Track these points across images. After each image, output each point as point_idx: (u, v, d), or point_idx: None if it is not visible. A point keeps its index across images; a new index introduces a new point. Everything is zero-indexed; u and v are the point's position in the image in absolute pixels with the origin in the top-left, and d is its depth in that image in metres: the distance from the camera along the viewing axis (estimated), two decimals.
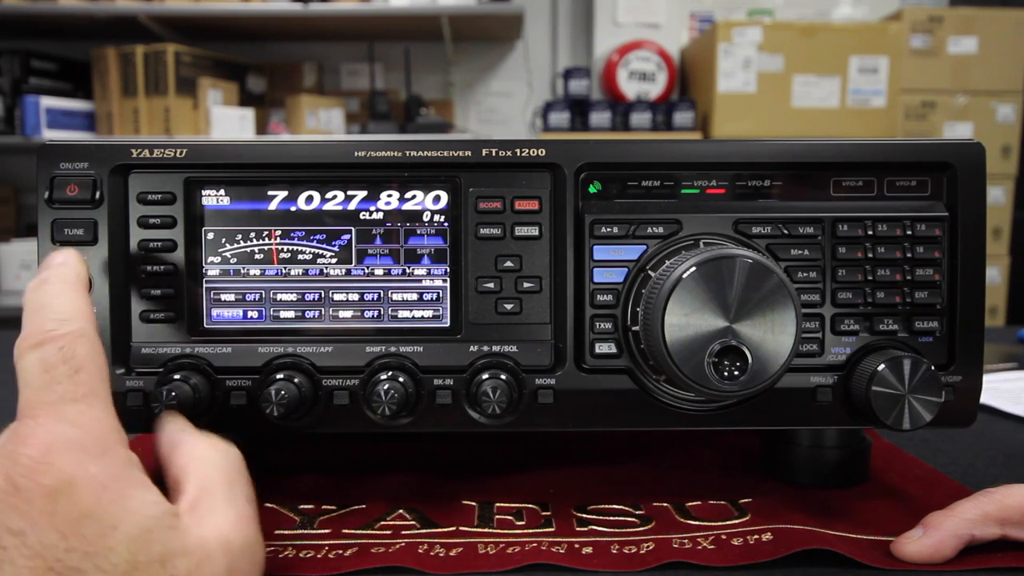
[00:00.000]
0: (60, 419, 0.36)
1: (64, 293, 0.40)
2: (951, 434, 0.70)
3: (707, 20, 3.42)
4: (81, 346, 0.38)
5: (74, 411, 0.36)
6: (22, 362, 0.37)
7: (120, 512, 0.34)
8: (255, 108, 3.16)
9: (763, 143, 0.52)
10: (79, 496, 0.34)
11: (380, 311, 0.51)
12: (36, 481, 0.34)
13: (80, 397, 0.37)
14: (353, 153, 0.51)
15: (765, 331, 0.44)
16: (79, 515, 0.33)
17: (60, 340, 0.38)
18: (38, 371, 0.37)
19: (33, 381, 0.37)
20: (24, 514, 0.33)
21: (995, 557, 0.45)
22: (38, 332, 0.38)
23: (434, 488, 0.56)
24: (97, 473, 0.35)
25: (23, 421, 0.36)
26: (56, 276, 0.41)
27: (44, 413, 0.36)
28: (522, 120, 3.55)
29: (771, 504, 0.53)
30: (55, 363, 0.37)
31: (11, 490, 0.33)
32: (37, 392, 0.36)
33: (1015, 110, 2.97)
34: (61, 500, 0.34)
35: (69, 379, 0.37)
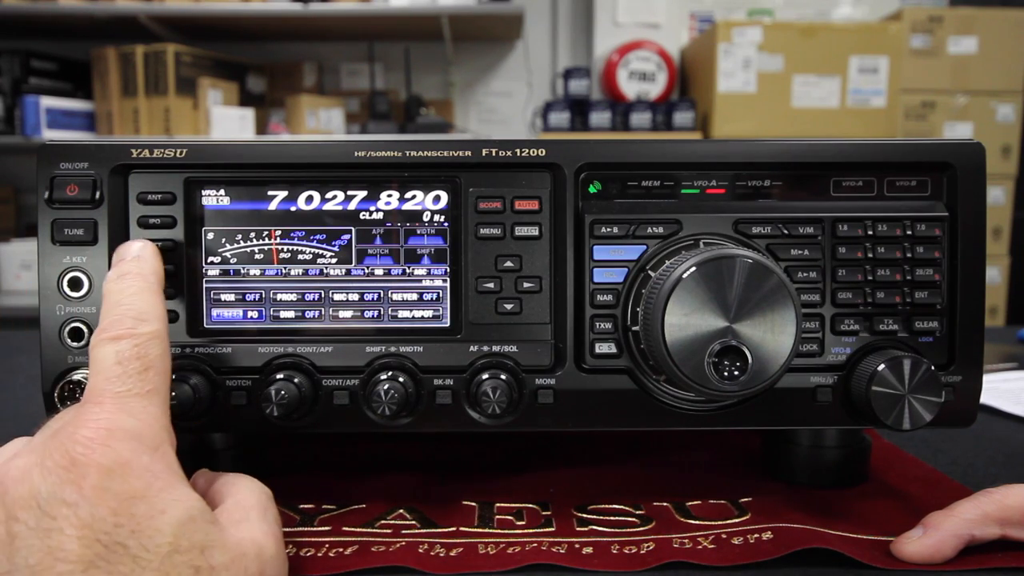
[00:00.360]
0: (123, 410, 0.38)
1: (144, 293, 0.43)
2: (951, 434, 0.70)
3: (707, 20, 3.42)
4: (154, 347, 0.41)
5: (137, 405, 0.38)
6: (98, 351, 0.40)
7: (168, 499, 0.36)
8: (255, 108, 3.15)
9: (763, 143, 0.52)
10: (131, 479, 0.36)
11: (380, 311, 0.51)
12: (93, 459, 0.35)
13: (145, 394, 0.39)
14: (353, 153, 0.51)
15: (765, 331, 0.44)
16: (130, 495, 0.35)
17: (137, 338, 0.40)
18: (112, 362, 0.39)
19: (105, 371, 0.39)
20: (78, 488, 0.35)
21: (995, 557, 0.45)
22: (117, 327, 0.41)
23: (434, 488, 0.56)
24: (150, 463, 0.37)
25: (87, 406, 0.38)
26: (136, 272, 0.44)
27: (109, 401, 0.38)
28: (522, 120, 3.55)
29: (771, 503, 0.53)
30: (129, 358, 0.40)
31: (68, 464, 0.35)
32: (107, 381, 0.39)
33: (1015, 110, 2.97)
34: (115, 479, 0.35)
35: (139, 375, 0.39)
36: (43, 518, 0.34)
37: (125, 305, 0.42)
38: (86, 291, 0.50)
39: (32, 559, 0.33)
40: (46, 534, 0.34)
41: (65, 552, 0.33)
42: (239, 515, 0.40)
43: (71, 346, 0.50)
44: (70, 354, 0.50)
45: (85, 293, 0.50)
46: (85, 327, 0.50)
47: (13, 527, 0.34)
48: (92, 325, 0.50)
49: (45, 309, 0.50)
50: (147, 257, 0.45)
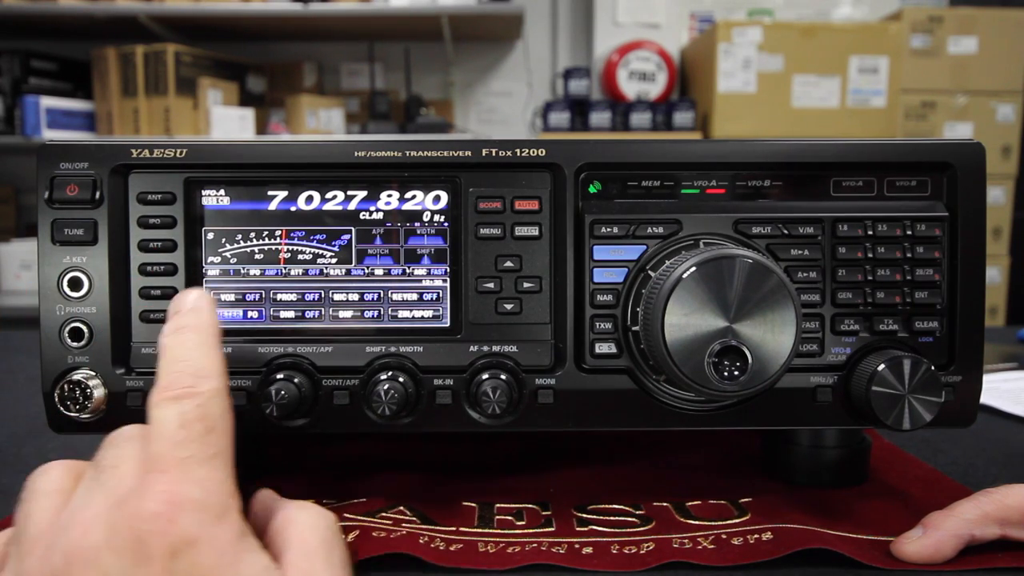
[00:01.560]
0: (187, 479, 0.36)
1: (202, 347, 0.41)
2: (951, 434, 0.70)
3: (707, 20, 3.42)
4: (216, 406, 0.39)
5: (202, 472, 0.37)
6: (160, 412, 0.38)
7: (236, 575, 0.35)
8: (255, 108, 3.16)
9: (763, 143, 0.52)
10: (199, 557, 0.35)
11: (380, 311, 0.51)
12: (161, 539, 0.34)
13: (209, 458, 0.37)
14: (353, 153, 0.51)
15: (765, 331, 0.44)
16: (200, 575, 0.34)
17: (198, 397, 0.38)
18: (176, 426, 0.37)
19: (169, 435, 0.37)
20: (148, 572, 0.34)
21: (995, 557, 0.45)
22: (177, 386, 0.39)
23: (434, 489, 0.56)
24: (217, 536, 0.36)
25: (151, 475, 0.36)
26: (193, 326, 0.42)
27: (174, 469, 0.36)
28: (522, 120, 3.55)
29: (771, 504, 0.53)
30: (192, 420, 0.38)
31: (136, 545, 0.34)
32: (171, 447, 0.37)
33: (1015, 110, 2.97)
34: (182, 560, 0.34)
35: (202, 438, 0.37)
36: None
37: (184, 361, 0.40)
38: (86, 291, 0.50)
39: None
40: None
41: None
42: (306, 566, 0.38)
43: (71, 346, 0.50)
44: (70, 354, 0.50)
45: (85, 293, 0.50)
46: (85, 327, 0.50)
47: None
48: (92, 325, 0.50)
49: (45, 309, 0.50)
50: (204, 308, 0.43)
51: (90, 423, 0.50)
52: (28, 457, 0.65)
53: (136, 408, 0.50)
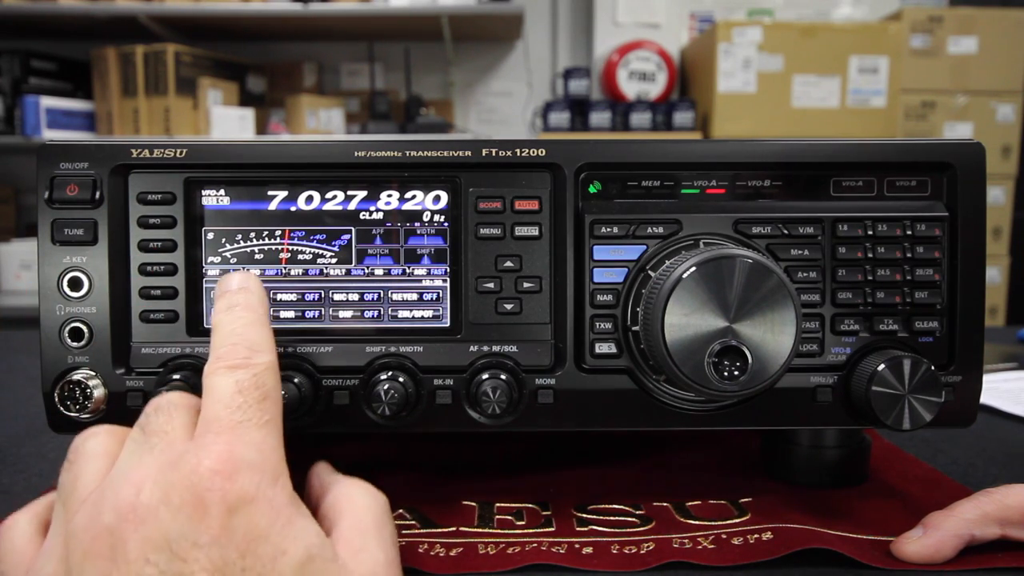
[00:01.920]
0: (243, 441, 0.37)
1: (255, 324, 0.42)
2: (951, 434, 0.70)
3: (707, 20, 3.42)
4: (270, 377, 0.40)
5: (257, 436, 0.37)
6: (215, 379, 0.39)
7: (290, 538, 0.35)
8: (255, 108, 3.16)
9: (763, 143, 0.52)
10: (255, 517, 0.35)
11: (380, 311, 0.51)
12: (219, 496, 0.35)
13: (263, 424, 0.38)
14: (353, 153, 0.51)
15: (765, 331, 0.44)
16: (255, 535, 0.35)
17: (254, 368, 0.40)
18: (232, 391, 0.38)
19: (225, 399, 0.38)
20: (207, 528, 0.34)
21: (995, 557, 0.45)
22: (232, 356, 0.40)
23: (434, 488, 0.56)
24: (272, 497, 0.36)
25: (207, 435, 0.37)
26: (244, 304, 0.43)
27: (229, 431, 0.37)
28: (522, 120, 3.55)
29: (771, 503, 0.53)
30: (247, 387, 0.39)
31: (195, 502, 0.34)
32: (227, 410, 0.38)
33: (1015, 110, 2.97)
34: (240, 517, 0.35)
35: (257, 405, 0.38)
36: (174, 560, 0.33)
37: (238, 335, 0.41)
38: (86, 291, 0.50)
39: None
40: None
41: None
42: (357, 542, 0.38)
43: (71, 346, 0.50)
44: (70, 354, 0.50)
45: (85, 293, 0.50)
46: (85, 327, 0.50)
47: (143, 569, 0.33)
48: (92, 325, 0.50)
49: (45, 309, 0.50)
50: (253, 288, 0.44)
51: (90, 423, 0.50)
52: (28, 457, 0.65)
53: (136, 408, 0.50)
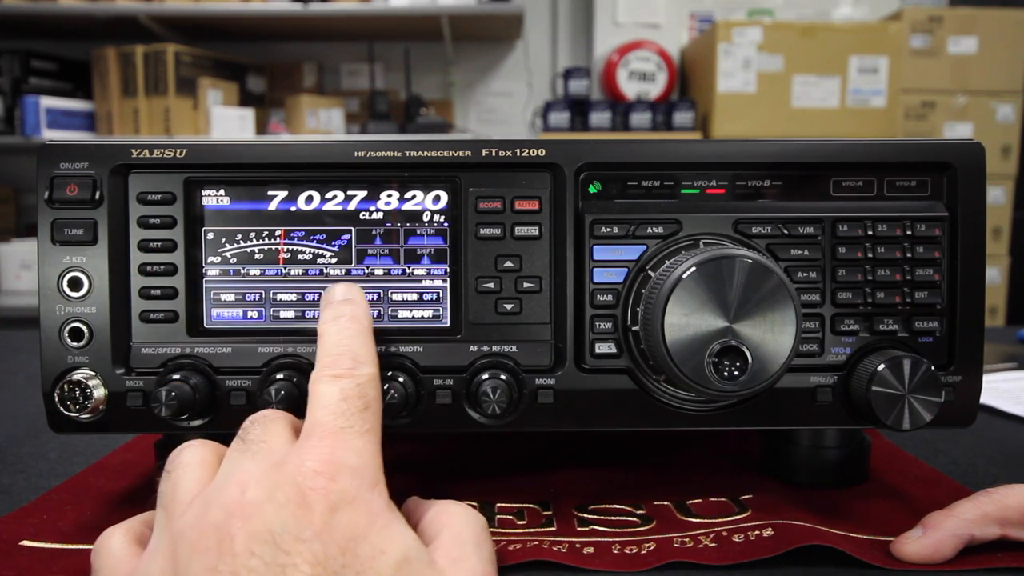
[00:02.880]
0: (345, 446, 0.38)
1: (359, 337, 0.44)
2: (951, 434, 0.70)
3: (707, 20, 3.42)
4: (372, 389, 0.42)
5: (358, 443, 0.39)
6: (321, 386, 0.41)
7: (387, 539, 0.36)
8: (255, 108, 3.16)
9: (763, 143, 0.52)
10: (355, 517, 0.36)
11: (380, 311, 0.51)
12: (322, 495, 0.36)
13: (364, 432, 0.40)
14: (353, 153, 0.51)
15: (765, 331, 0.44)
16: (354, 535, 0.35)
17: (358, 378, 0.41)
18: (337, 398, 0.40)
19: (330, 405, 0.40)
20: (310, 523, 0.35)
21: (995, 557, 0.45)
22: (337, 366, 0.42)
23: (434, 488, 0.56)
24: (371, 500, 0.37)
25: (311, 439, 0.38)
26: (350, 315, 0.45)
27: (332, 436, 0.39)
28: (522, 120, 3.55)
29: (772, 500, 0.53)
30: (352, 396, 0.40)
31: (299, 499, 0.35)
32: (331, 416, 0.39)
33: (1015, 110, 2.97)
34: (341, 516, 0.36)
35: (359, 413, 0.40)
36: (278, 553, 0.34)
37: (343, 346, 0.43)
38: (86, 291, 0.50)
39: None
40: (282, 570, 0.33)
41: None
42: (456, 552, 0.39)
43: (71, 346, 0.50)
44: (70, 354, 0.50)
45: (85, 293, 0.50)
46: (85, 327, 0.50)
47: (248, 561, 0.34)
48: (92, 325, 0.50)
49: (45, 309, 0.50)
50: (358, 300, 0.46)
51: (90, 423, 0.50)
52: (28, 457, 0.65)
53: (136, 408, 0.50)
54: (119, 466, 0.62)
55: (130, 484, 0.58)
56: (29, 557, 0.46)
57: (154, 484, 0.40)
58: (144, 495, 0.56)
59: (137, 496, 0.56)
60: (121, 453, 0.65)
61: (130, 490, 0.57)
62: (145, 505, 0.54)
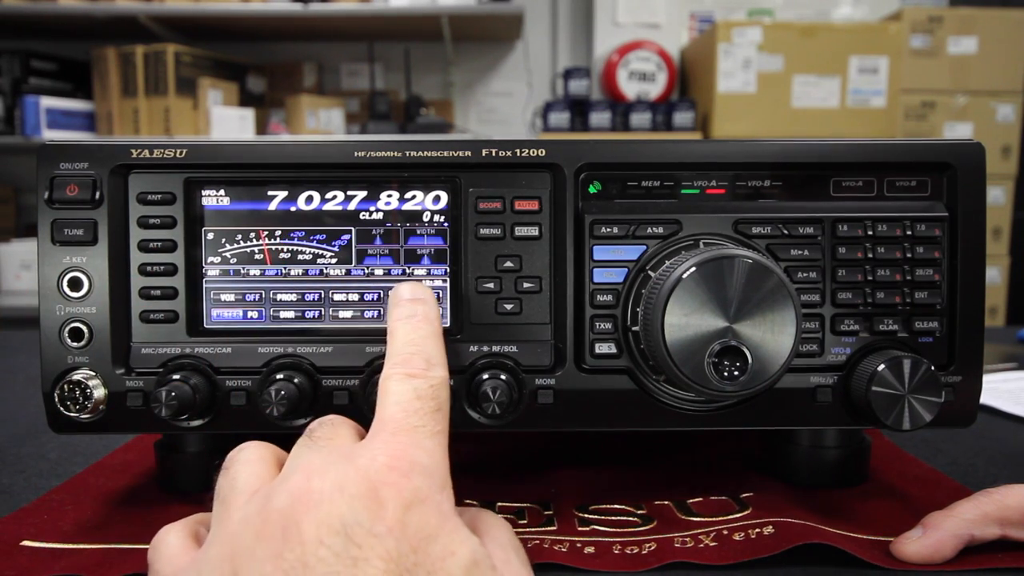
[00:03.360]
0: (417, 445, 0.38)
1: (432, 338, 0.43)
2: (951, 434, 0.70)
3: (707, 20, 3.42)
4: (444, 391, 0.41)
5: (431, 443, 0.38)
6: (395, 384, 0.40)
7: (457, 541, 0.35)
8: (255, 108, 3.15)
9: (763, 143, 0.52)
10: (427, 516, 0.35)
11: (380, 311, 0.51)
12: (395, 491, 0.35)
13: (436, 433, 0.39)
14: (353, 153, 0.51)
15: (765, 331, 0.44)
16: (426, 534, 0.35)
17: (431, 379, 0.41)
18: (411, 396, 0.40)
19: (405, 403, 0.39)
20: (382, 519, 0.34)
21: (995, 557, 0.45)
22: (411, 365, 0.41)
23: None
24: (441, 501, 0.36)
25: (382, 434, 0.38)
26: (423, 315, 0.44)
27: (404, 434, 0.38)
28: (522, 120, 3.55)
29: (772, 499, 0.53)
30: (426, 396, 0.40)
31: (371, 495, 0.35)
32: (404, 413, 0.39)
33: (1015, 110, 2.97)
34: (413, 515, 0.35)
35: (432, 414, 0.39)
36: (350, 545, 0.33)
37: (417, 346, 0.42)
38: (86, 291, 0.50)
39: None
40: (352, 562, 0.32)
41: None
42: (502, 555, 0.38)
43: (71, 346, 0.50)
44: (70, 354, 0.50)
45: (85, 293, 0.50)
46: (85, 327, 0.50)
47: (318, 551, 0.33)
48: (92, 325, 0.50)
49: (45, 309, 0.50)
50: (430, 300, 0.46)
51: (90, 423, 0.50)
52: (28, 457, 0.65)
53: (136, 408, 0.50)
54: (119, 466, 0.62)
55: (130, 484, 0.58)
56: (29, 557, 0.46)
57: (211, 483, 0.40)
58: (145, 494, 0.56)
59: (137, 496, 0.56)
60: (121, 453, 0.65)
61: (130, 490, 0.57)
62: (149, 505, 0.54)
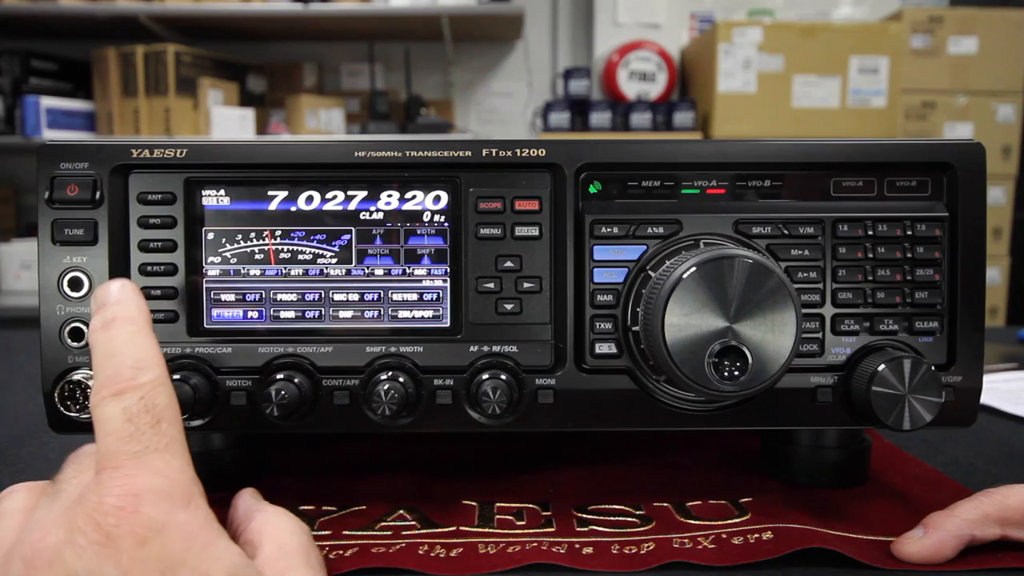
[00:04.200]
0: (145, 469, 0.35)
1: (135, 337, 0.39)
2: (951, 434, 0.70)
3: (707, 20, 3.42)
4: (161, 395, 0.37)
5: (159, 462, 0.36)
6: (102, 410, 0.37)
7: (210, 560, 0.34)
8: (255, 108, 3.15)
9: (763, 143, 0.52)
10: (170, 543, 0.34)
11: (380, 311, 0.51)
12: (127, 529, 0.33)
13: (163, 448, 0.36)
14: (353, 153, 0.51)
15: (765, 331, 0.44)
16: (171, 563, 0.33)
17: (140, 389, 0.37)
18: (121, 421, 0.36)
19: (116, 431, 0.36)
20: (117, 563, 0.33)
21: (995, 557, 0.45)
22: (116, 380, 0.37)
23: (434, 488, 0.56)
24: (185, 521, 0.35)
25: (105, 472, 0.35)
26: (123, 317, 0.39)
27: (128, 463, 0.35)
28: (522, 120, 3.55)
29: (771, 503, 0.53)
30: (137, 413, 0.36)
31: (102, 540, 0.33)
32: (120, 443, 0.36)
33: (1015, 110, 2.97)
34: (153, 547, 0.33)
35: (152, 429, 0.36)
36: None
37: (120, 355, 0.38)
38: (86, 291, 0.50)
39: None
40: None
41: None
42: (282, 562, 0.38)
43: (71, 346, 0.50)
44: (70, 354, 0.50)
45: (85, 293, 0.50)
46: (85, 327, 0.50)
47: None
48: None
49: (45, 309, 0.50)
50: (130, 297, 0.40)
51: (90, 423, 0.50)
52: (28, 457, 0.65)
53: None
54: None
55: None
56: None
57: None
58: None
59: None
60: None
61: None
62: None
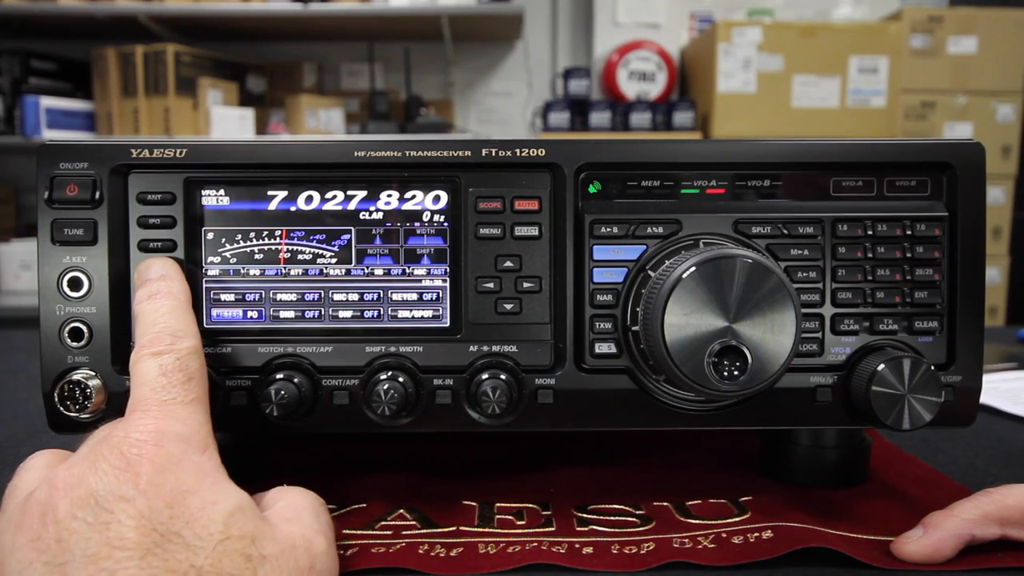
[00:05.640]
0: (170, 416, 0.40)
1: (177, 311, 0.45)
2: (951, 434, 0.70)
3: (707, 20, 3.42)
4: (194, 360, 0.43)
5: (184, 411, 0.40)
6: (141, 365, 0.42)
7: (220, 492, 0.38)
8: (255, 108, 3.16)
9: (763, 143, 0.52)
10: (184, 476, 0.37)
11: (380, 311, 0.51)
12: (146, 457, 0.37)
13: (189, 402, 0.41)
14: (353, 153, 0.51)
15: (765, 331, 0.44)
16: (184, 489, 0.37)
17: (177, 352, 0.42)
18: (156, 374, 0.41)
19: (150, 381, 0.41)
20: (134, 484, 0.36)
21: (995, 557, 0.45)
22: (157, 343, 0.43)
23: (434, 488, 0.56)
24: (201, 463, 0.39)
25: (134, 414, 0.40)
26: (166, 291, 0.46)
27: (156, 408, 0.40)
28: (522, 120, 3.55)
29: (771, 503, 0.53)
30: (171, 370, 0.42)
31: (122, 465, 0.37)
32: (153, 391, 0.41)
33: (1015, 110, 2.97)
34: (169, 475, 0.37)
35: (182, 385, 0.41)
36: (101, 513, 0.35)
37: (161, 323, 0.44)
38: (86, 291, 0.50)
39: (90, 549, 0.34)
40: (104, 527, 0.35)
41: (123, 541, 0.35)
42: (290, 514, 0.41)
43: (71, 346, 0.50)
44: (70, 354, 0.50)
45: (85, 293, 0.50)
46: (85, 327, 0.50)
47: (71, 524, 0.35)
48: (92, 325, 0.50)
49: (45, 309, 0.50)
50: (174, 276, 0.47)
51: (90, 423, 0.50)
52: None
53: None
54: None
55: None
56: None
57: None
58: None
59: None
60: None
61: None
62: None
